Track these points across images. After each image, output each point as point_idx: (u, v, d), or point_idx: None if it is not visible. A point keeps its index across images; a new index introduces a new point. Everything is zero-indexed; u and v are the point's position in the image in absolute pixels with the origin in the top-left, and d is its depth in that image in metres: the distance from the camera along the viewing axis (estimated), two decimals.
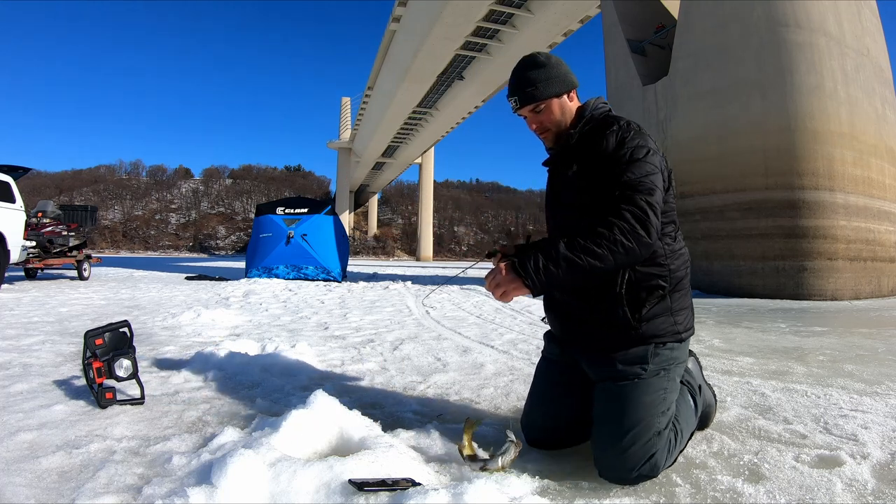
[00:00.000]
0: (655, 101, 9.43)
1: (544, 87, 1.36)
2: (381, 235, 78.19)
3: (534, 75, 1.37)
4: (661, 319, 1.30)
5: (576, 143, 1.38)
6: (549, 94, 1.37)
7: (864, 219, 8.12)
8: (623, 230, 1.16)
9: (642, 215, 1.18)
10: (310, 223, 9.96)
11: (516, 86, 1.38)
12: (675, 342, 1.32)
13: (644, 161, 1.25)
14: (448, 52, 23.80)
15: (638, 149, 1.26)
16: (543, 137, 1.43)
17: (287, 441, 1.26)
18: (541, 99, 1.37)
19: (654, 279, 1.29)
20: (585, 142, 1.36)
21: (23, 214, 7.03)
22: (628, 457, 1.20)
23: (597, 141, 1.32)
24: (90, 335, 1.78)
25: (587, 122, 1.38)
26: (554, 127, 1.40)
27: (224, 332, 3.55)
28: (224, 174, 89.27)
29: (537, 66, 1.37)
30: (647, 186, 1.22)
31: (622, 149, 1.27)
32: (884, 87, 9.20)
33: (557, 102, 1.38)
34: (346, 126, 55.44)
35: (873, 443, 1.51)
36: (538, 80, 1.36)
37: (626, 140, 1.28)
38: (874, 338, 3.81)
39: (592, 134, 1.35)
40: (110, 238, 70.18)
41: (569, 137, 1.39)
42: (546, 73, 1.37)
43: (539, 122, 1.40)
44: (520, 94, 1.38)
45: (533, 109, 1.38)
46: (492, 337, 3.48)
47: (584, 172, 1.33)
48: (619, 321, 1.27)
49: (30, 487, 1.14)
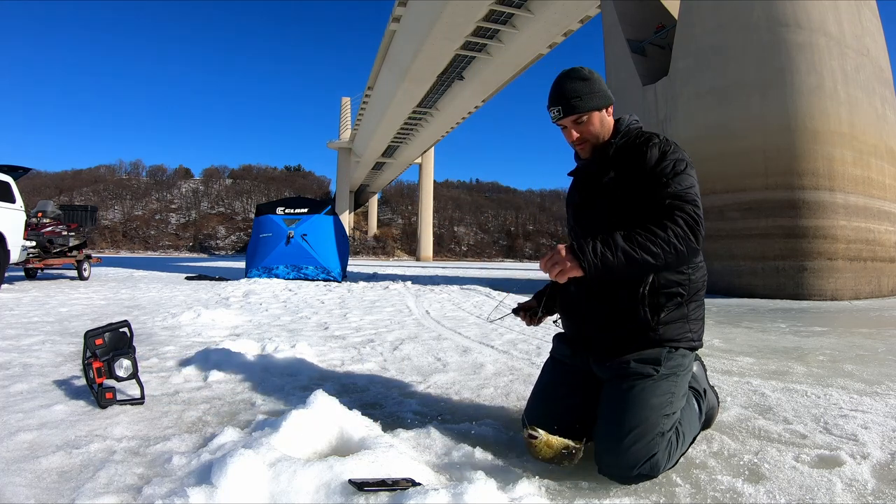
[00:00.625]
0: (655, 101, 9.43)
1: (588, 100, 1.41)
2: (381, 235, 78.20)
3: (578, 87, 1.41)
4: (678, 325, 1.37)
5: (614, 154, 1.45)
6: (592, 106, 1.42)
7: (864, 219, 8.12)
8: (677, 234, 1.23)
9: (693, 223, 1.26)
10: (310, 223, 9.96)
11: (560, 96, 1.42)
12: (688, 349, 1.39)
13: (686, 174, 1.34)
14: (448, 52, 23.80)
15: (679, 162, 1.35)
16: (581, 148, 1.48)
17: (287, 441, 1.26)
18: (584, 111, 1.42)
19: (675, 286, 1.36)
20: (624, 153, 1.43)
21: (23, 214, 7.03)
22: (630, 455, 1.21)
23: (637, 152, 1.40)
24: (90, 335, 1.78)
25: (624, 135, 1.46)
26: (592, 139, 1.46)
27: (224, 332, 3.54)
28: (224, 174, 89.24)
29: (582, 78, 1.42)
30: (693, 197, 1.30)
31: (665, 161, 1.35)
32: (884, 87, 9.21)
33: (598, 115, 1.44)
34: (346, 126, 55.43)
35: (873, 443, 1.51)
36: (582, 93, 1.41)
37: (667, 153, 1.36)
38: (874, 338, 3.81)
39: (630, 145, 1.43)
40: (110, 238, 70.17)
41: (607, 147, 1.46)
42: (590, 87, 1.42)
43: (580, 133, 1.45)
44: (564, 104, 1.42)
45: (575, 120, 1.43)
46: (492, 337, 3.48)
47: (622, 181, 1.40)
48: (639, 322, 1.33)
49: (30, 487, 1.14)
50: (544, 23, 21.09)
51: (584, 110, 1.42)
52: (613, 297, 1.37)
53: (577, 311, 1.48)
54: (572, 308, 1.50)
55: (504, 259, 78.10)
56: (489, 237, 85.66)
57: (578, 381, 1.45)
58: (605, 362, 1.38)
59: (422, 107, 33.14)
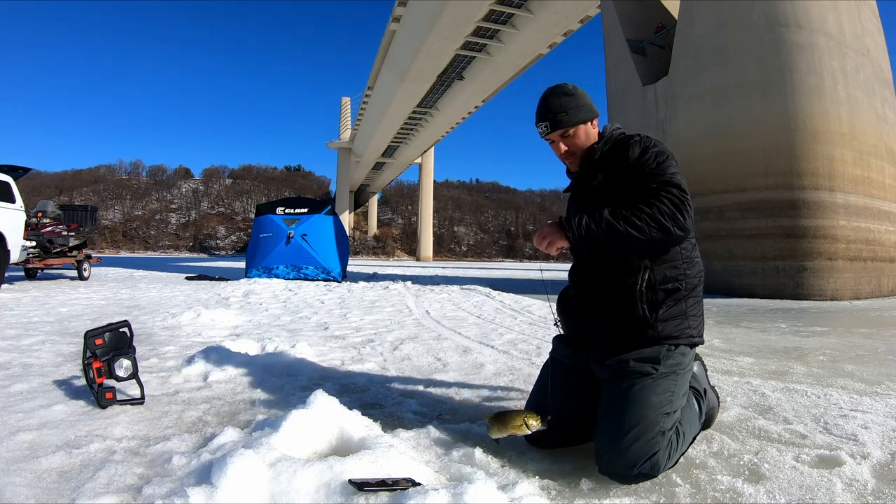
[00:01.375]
0: (655, 101, 9.43)
1: (574, 114, 1.46)
2: (381, 235, 78.17)
3: (564, 103, 1.46)
4: (676, 321, 1.38)
5: (599, 158, 1.50)
6: (578, 120, 1.47)
7: (864, 219, 8.12)
8: (662, 211, 1.28)
9: (679, 202, 1.29)
10: (310, 223, 9.96)
11: (547, 112, 1.47)
12: (688, 346, 1.39)
13: (668, 164, 1.39)
14: (448, 52, 23.80)
15: (660, 154, 1.41)
16: (569, 162, 1.53)
17: (287, 441, 1.26)
18: (570, 125, 1.47)
19: (672, 282, 1.38)
20: (609, 156, 1.48)
21: (23, 214, 7.03)
22: (630, 454, 1.21)
23: (620, 152, 1.45)
24: (90, 335, 1.78)
25: (607, 141, 1.51)
26: (579, 151, 1.50)
27: (224, 332, 3.55)
28: (224, 174, 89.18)
29: (566, 94, 1.48)
30: (678, 181, 1.35)
31: (646, 154, 1.40)
32: (884, 87, 9.21)
33: (584, 128, 1.49)
34: (346, 126, 55.40)
35: (873, 443, 1.51)
36: (568, 108, 1.46)
37: (648, 148, 1.42)
38: (874, 338, 3.81)
39: (614, 148, 1.48)
40: (110, 238, 70.14)
41: (592, 152, 1.50)
42: (574, 102, 1.47)
43: (567, 146, 1.49)
44: (551, 120, 1.47)
45: (562, 134, 1.48)
46: (492, 337, 3.48)
47: (610, 182, 1.45)
48: (637, 319, 1.34)
49: (30, 487, 1.14)
50: (544, 23, 21.10)
51: (571, 124, 1.46)
52: (612, 295, 1.37)
53: (576, 309, 1.49)
54: (571, 307, 1.51)
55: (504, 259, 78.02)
56: (489, 237, 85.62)
57: (578, 381, 1.45)
58: (604, 361, 1.38)
59: (422, 107, 33.14)
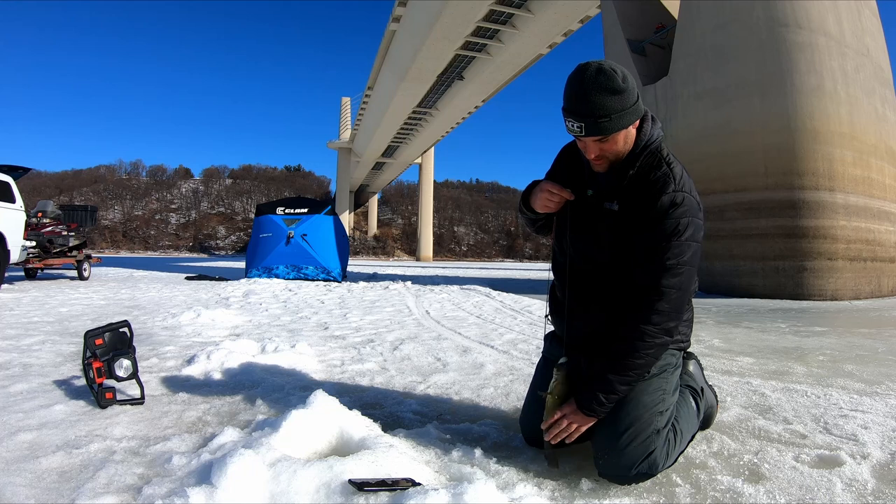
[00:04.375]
0: (655, 102, 9.43)
1: (618, 120, 1.21)
2: (381, 235, 78.18)
3: (609, 104, 1.18)
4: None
5: (626, 184, 1.31)
6: (621, 126, 1.22)
7: (864, 219, 8.12)
8: (654, 333, 1.24)
9: (674, 313, 1.26)
10: (310, 223, 9.96)
11: (586, 112, 1.19)
12: (676, 349, 1.41)
13: (686, 243, 1.24)
14: (448, 52, 23.80)
15: (689, 224, 1.25)
16: (598, 164, 1.31)
17: (287, 441, 1.26)
18: (612, 132, 1.22)
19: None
20: (635, 185, 1.30)
21: (23, 214, 7.03)
22: (627, 454, 1.21)
23: (649, 194, 1.27)
24: (90, 335, 1.78)
25: (642, 163, 1.31)
26: (612, 157, 1.29)
27: (224, 332, 3.54)
28: (224, 174, 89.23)
29: (614, 91, 1.18)
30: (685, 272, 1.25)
31: (674, 214, 1.24)
32: (884, 87, 9.20)
33: (624, 133, 1.26)
34: (346, 126, 55.42)
35: (873, 443, 1.51)
36: (612, 111, 1.19)
37: (678, 206, 1.25)
38: (874, 338, 3.81)
39: (644, 181, 1.29)
40: (110, 238, 70.17)
41: (626, 166, 1.31)
42: (622, 103, 1.19)
43: (599, 151, 1.27)
44: (588, 124, 1.19)
45: (598, 140, 1.24)
46: (492, 337, 3.48)
47: (625, 214, 1.30)
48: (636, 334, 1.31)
49: (30, 487, 1.14)
50: (544, 23, 21.11)
51: (612, 132, 1.22)
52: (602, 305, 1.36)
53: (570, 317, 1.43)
54: (561, 310, 1.46)
55: (504, 259, 78.11)
56: (489, 237, 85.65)
57: (572, 381, 1.43)
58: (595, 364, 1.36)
59: (422, 107, 33.15)
